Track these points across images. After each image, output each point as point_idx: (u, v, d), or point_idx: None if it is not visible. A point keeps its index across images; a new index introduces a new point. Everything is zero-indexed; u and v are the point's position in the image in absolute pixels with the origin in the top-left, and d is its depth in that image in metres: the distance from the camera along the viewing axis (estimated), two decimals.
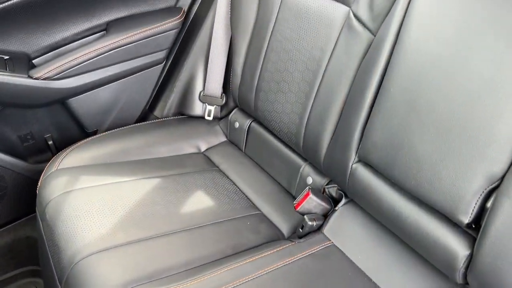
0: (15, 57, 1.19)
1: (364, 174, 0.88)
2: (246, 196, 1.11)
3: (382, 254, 0.87)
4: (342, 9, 0.95)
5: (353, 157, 0.90)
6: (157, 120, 1.39)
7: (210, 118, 1.35)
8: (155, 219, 0.97)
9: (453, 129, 0.70)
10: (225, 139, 1.35)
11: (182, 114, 1.40)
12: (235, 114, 1.31)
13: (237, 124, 1.29)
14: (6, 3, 1.10)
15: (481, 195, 0.67)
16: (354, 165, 0.90)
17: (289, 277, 0.84)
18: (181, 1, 1.35)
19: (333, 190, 1.01)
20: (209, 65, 1.31)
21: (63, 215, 0.96)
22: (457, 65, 0.69)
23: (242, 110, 1.30)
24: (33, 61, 1.24)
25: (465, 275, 0.71)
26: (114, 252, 0.87)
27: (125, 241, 0.90)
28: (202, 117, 1.36)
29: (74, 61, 1.22)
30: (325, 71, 0.98)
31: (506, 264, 0.64)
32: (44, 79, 1.19)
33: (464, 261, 0.70)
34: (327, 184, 1.03)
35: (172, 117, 1.40)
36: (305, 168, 1.09)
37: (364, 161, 0.88)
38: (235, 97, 1.28)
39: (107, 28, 1.30)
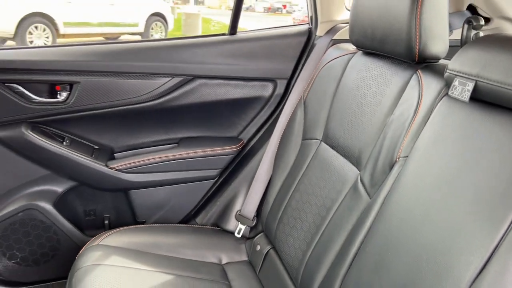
0: (102, 149, 1.52)
1: None
2: None
3: None
4: (354, 171, 1.11)
5: None
6: (195, 225, 1.58)
7: (239, 236, 1.51)
8: None
9: None
10: (246, 258, 1.47)
11: (218, 226, 1.58)
12: (259, 238, 1.45)
13: (258, 247, 1.43)
14: (108, 109, 1.45)
15: None
16: None
17: None
18: (243, 134, 1.62)
19: None
20: (250, 190, 1.52)
21: (83, 282, 1.14)
22: (411, 240, 0.80)
23: (266, 236, 1.44)
24: (115, 154, 1.56)
25: None
26: None
27: None
28: (233, 233, 1.52)
29: (145, 162, 1.52)
30: (330, 219, 1.11)
31: None
32: (117, 170, 1.48)
33: None
34: None
35: (208, 226, 1.58)
36: None
37: None
38: (262, 222, 1.44)
39: (179, 142, 1.60)
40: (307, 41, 1.56)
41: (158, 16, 9.42)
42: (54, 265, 1.54)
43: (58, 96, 1.41)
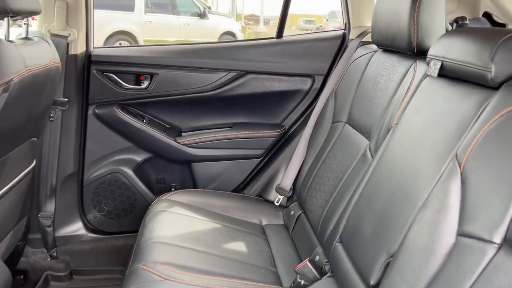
0: (172, 128, 1.91)
1: (341, 256, 1.21)
2: (273, 257, 1.50)
3: None
4: (365, 142, 1.38)
5: (337, 237, 1.25)
6: (243, 194, 1.91)
7: (277, 204, 1.81)
8: (202, 243, 1.44)
9: (380, 224, 1.04)
10: (282, 222, 1.77)
11: (261, 196, 1.89)
12: (293, 206, 1.75)
13: (292, 212, 1.72)
14: (178, 96, 1.84)
15: (382, 265, 0.98)
16: (336, 244, 1.24)
17: None
18: (285, 121, 1.94)
19: (326, 268, 1.34)
20: (288, 167, 1.82)
21: (153, 220, 1.51)
22: (391, 181, 1.06)
23: (298, 204, 1.73)
24: (182, 133, 1.94)
25: None
26: (168, 246, 1.36)
27: (178, 244, 1.38)
28: (273, 202, 1.83)
29: (205, 139, 1.89)
30: (344, 180, 1.39)
31: None
32: (183, 144, 1.86)
33: None
34: (325, 264, 1.36)
35: (253, 196, 1.90)
36: (318, 250, 1.43)
37: (341, 242, 1.22)
38: (296, 192, 1.73)
39: (232, 126, 1.95)
40: (341, 43, 1.86)
41: (229, 34, 10.05)
42: (131, 219, 1.94)
43: (142, 84, 1.83)
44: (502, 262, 0.74)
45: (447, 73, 1.04)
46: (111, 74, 1.81)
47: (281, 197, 1.82)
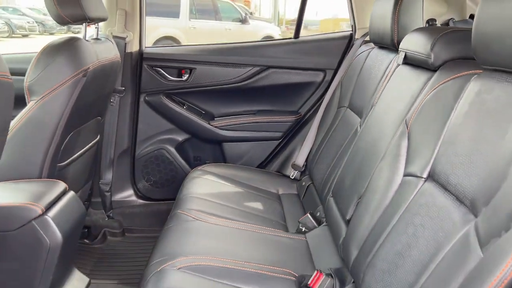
0: (207, 113, 2.31)
1: (332, 206, 1.55)
2: (284, 215, 1.85)
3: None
4: (358, 120, 1.71)
5: (330, 193, 1.59)
6: (264, 170, 2.28)
7: (292, 178, 2.16)
8: (227, 200, 1.81)
9: (356, 176, 1.37)
10: (296, 193, 2.11)
11: (279, 172, 2.25)
12: (305, 178, 2.09)
13: (303, 183, 2.06)
14: (212, 87, 2.24)
15: (355, 204, 1.31)
16: (328, 198, 1.58)
17: (270, 238, 1.54)
18: (301, 109, 2.29)
19: (324, 220, 1.67)
20: (302, 147, 2.16)
21: (190, 183, 1.91)
22: (366, 142, 1.39)
23: (309, 176, 2.07)
24: (215, 117, 2.33)
25: (341, 247, 1.32)
26: (200, 200, 1.75)
27: (207, 199, 1.76)
28: (289, 177, 2.18)
29: (234, 122, 2.27)
30: (340, 152, 1.72)
31: (355, 240, 1.24)
32: (215, 127, 2.25)
33: (342, 239, 1.32)
34: (323, 217, 1.70)
35: (273, 172, 2.26)
36: (319, 208, 1.77)
37: (333, 196, 1.56)
38: (307, 167, 2.07)
39: (256, 112, 2.32)
40: (348, 42, 2.19)
41: (269, 38, 10.44)
42: (173, 188, 2.34)
43: (183, 77, 2.24)
44: (424, 189, 1.06)
45: (409, 61, 1.36)
46: (158, 69, 2.23)
47: (296, 172, 2.16)
